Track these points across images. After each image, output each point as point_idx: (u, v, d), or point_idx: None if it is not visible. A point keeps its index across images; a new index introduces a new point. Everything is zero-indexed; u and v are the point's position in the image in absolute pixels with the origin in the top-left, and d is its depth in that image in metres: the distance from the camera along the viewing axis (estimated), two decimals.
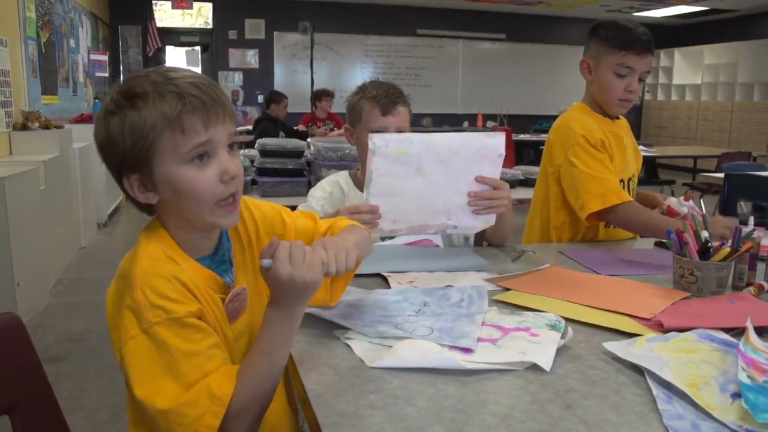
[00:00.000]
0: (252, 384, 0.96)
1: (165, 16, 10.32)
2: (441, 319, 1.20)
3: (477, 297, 1.32)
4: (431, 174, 1.53)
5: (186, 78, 1.00)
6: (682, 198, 1.94)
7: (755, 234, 1.48)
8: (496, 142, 1.56)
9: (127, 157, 0.98)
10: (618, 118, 2.04)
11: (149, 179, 1.00)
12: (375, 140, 1.50)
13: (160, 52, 9.95)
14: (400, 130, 1.79)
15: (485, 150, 1.55)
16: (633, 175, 2.05)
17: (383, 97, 1.80)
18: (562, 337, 1.12)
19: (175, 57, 11.12)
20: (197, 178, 0.99)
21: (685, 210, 1.85)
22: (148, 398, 0.92)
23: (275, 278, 0.95)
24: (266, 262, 0.95)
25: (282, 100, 6.99)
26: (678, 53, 12.03)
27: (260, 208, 1.25)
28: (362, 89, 1.86)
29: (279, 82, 10.66)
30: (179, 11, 10.35)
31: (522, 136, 8.37)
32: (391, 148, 1.50)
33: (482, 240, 1.94)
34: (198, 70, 10.67)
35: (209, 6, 10.52)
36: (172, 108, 0.96)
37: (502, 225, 1.71)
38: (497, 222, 1.64)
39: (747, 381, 0.92)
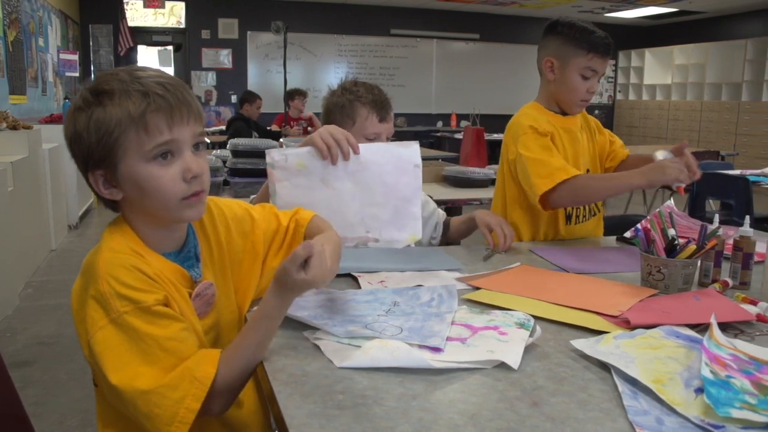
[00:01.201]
0: (239, 367, 0.99)
1: (137, 15, 10.21)
2: (411, 318, 1.20)
3: (447, 296, 1.33)
4: (339, 185, 1.48)
5: (153, 77, 1.01)
6: (667, 151, 1.92)
7: (720, 232, 1.51)
8: (410, 152, 1.52)
9: (92, 153, 1.00)
10: (573, 115, 2.05)
11: (113, 176, 1.01)
12: (273, 155, 1.45)
13: (132, 52, 9.84)
14: (389, 137, 1.81)
15: (399, 161, 1.51)
16: (588, 170, 2.06)
17: (380, 103, 1.78)
18: (530, 336, 1.13)
19: (148, 57, 11.00)
20: (161, 176, 1.01)
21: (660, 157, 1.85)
22: (126, 383, 0.92)
23: (295, 278, 0.98)
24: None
25: (255, 101, 6.95)
26: (649, 53, 12.19)
27: (230, 207, 1.26)
28: (352, 91, 1.81)
29: (252, 82, 10.60)
30: (151, 10, 10.25)
31: (495, 135, 8.40)
32: (290, 161, 1.46)
33: (447, 239, 1.96)
34: (171, 70, 10.65)
35: (182, 5, 10.43)
36: (136, 106, 0.98)
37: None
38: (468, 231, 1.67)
39: (710, 376, 0.94)
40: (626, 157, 2.17)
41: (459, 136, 7.15)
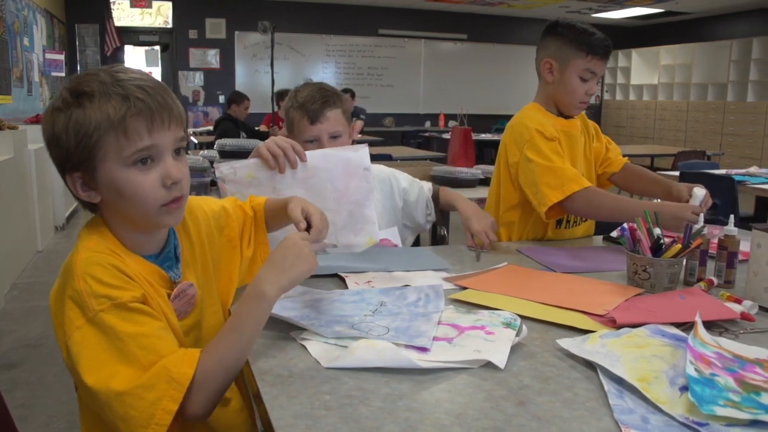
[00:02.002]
0: (217, 357, 0.97)
1: (123, 15, 10.15)
2: (398, 318, 1.20)
3: (434, 296, 1.33)
4: (291, 193, 1.46)
5: (134, 80, 0.99)
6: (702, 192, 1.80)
7: (705, 231, 1.52)
8: (359, 155, 1.52)
9: (70, 156, 0.98)
10: (571, 117, 2.05)
11: (92, 179, 1.00)
12: (222, 169, 1.47)
13: (119, 52, 9.79)
14: (334, 135, 1.77)
15: (348, 165, 1.51)
16: (582, 174, 2.05)
17: (310, 105, 1.75)
18: (517, 335, 1.13)
19: (135, 57, 10.95)
20: (141, 182, 0.99)
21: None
22: (101, 383, 0.91)
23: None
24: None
25: (243, 101, 6.93)
26: (635, 54, 12.26)
27: (209, 204, 1.28)
28: (293, 95, 1.81)
29: (240, 82, 10.57)
30: (138, 10, 10.20)
31: (483, 135, 8.43)
32: (240, 174, 1.47)
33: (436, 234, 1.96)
34: (158, 70, 10.58)
35: (169, 5, 10.38)
36: (116, 110, 0.96)
37: None
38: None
39: (694, 374, 0.94)
40: (624, 165, 2.15)
41: (447, 136, 7.17)
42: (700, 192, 1.79)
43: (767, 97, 9.74)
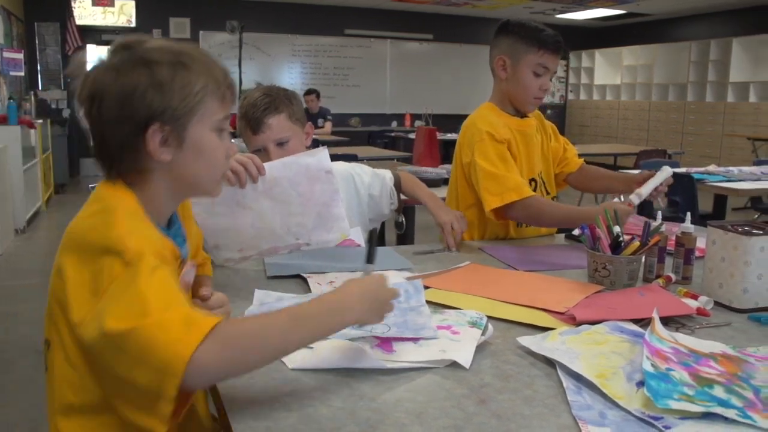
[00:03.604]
0: (258, 324, 0.91)
1: (85, 13, 9.96)
2: (389, 315, 1.21)
3: (413, 291, 1.34)
4: (256, 205, 1.51)
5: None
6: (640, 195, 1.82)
7: (663, 228, 1.55)
8: (318, 159, 1.54)
9: (167, 110, 0.98)
10: (526, 116, 2.07)
11: (178, 136, 1.00)
12: None
13: (81, 51, 9.58)
14: (280, 142, 1.74)
15: (309, 171, 1.53)
16: (540, 172, 2.09)
17: (251, 114, 1.73)
18: (482, 334, 1.14)
19: (97, 57, 10.75)
20: (218, 147, 1.06)
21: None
22: (130, 321, 0.83)
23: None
24: None
25: None
26: (599, 54, 12.44)
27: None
28: (240, 102, 1.78)
29: None
30: (100, 9, 10.02)
31: (449, 135, 8.47)
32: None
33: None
34: None
35: (132, 4, 10.21)
36: (221, 76, 1.04)
37: None
38: None
39: (650, 369, 0.96)
40: (581, 165, 2.19)
41: (413, 135, 7.18)
42: (665, 169, 1.83)
43: (725, 97, 9.95)
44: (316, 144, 1.84)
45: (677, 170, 4.69)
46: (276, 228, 1.54)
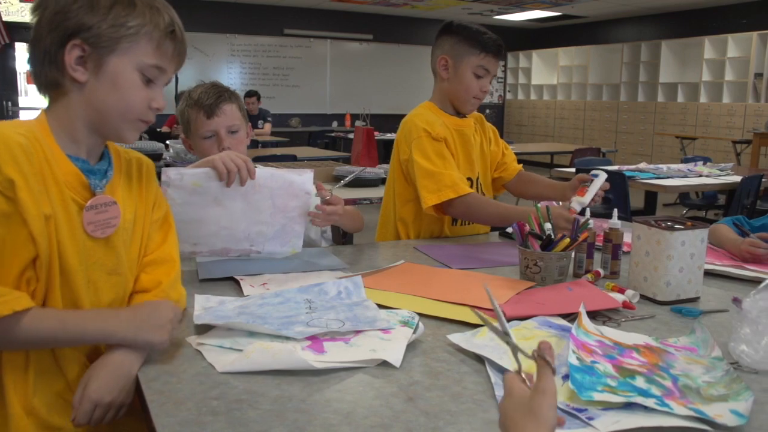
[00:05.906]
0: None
1: (12, 9, 9.58)
2: (338, 311, 1.23)
3: (353, 287, 1.37)
4: (230, 205, 1.55)
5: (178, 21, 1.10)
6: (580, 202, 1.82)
7: (591, 224, 1.59)
8: (303, 179, 1.60)
9: (94, 28, 1.01)
10: (465, 116, 2.09)
11: (98, 60, 1.03)
12: (170, 174, 1.48)
13: (9, 49, 9.26)
14: (232, 130, 1.77)
15: (292, 187, 1.59)
16: (478, 173, 2.11)
17: (205, 101, 1.75)
18: (414, 333, 1.15)
19: (26, 55, 10.37)
20: (138, 90, 1.06)
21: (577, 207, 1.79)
22: None
23: None
24: None
25: None
26: (536, 55, 12.69)
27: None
28: (187, 96, 1.80)
29: None
30: (30, 5, 9.67)
31: (389, 135, 8.50)
32: (186, 181, 1.49)
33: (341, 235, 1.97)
34: None
35: None
36: (165, 24, 1.06)
37: (348, 225, 1.82)
38: (342, 223, 1.74)
39: (576, 362, 0.98)
40: (519, 172, 2.23)
41: (353, 135, 7.18)
42: (576, 204, 1.80)
43: (655, 97, 10.29)
44: (255, 144, 1.86)
45: (610, 168, 4.82)
46: (238, 231, 1.59)
